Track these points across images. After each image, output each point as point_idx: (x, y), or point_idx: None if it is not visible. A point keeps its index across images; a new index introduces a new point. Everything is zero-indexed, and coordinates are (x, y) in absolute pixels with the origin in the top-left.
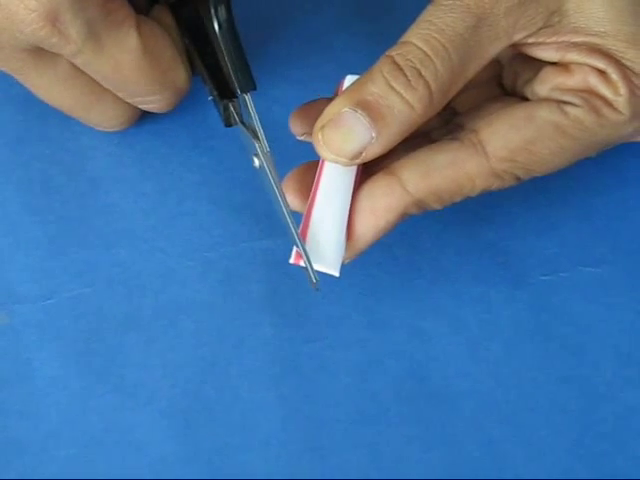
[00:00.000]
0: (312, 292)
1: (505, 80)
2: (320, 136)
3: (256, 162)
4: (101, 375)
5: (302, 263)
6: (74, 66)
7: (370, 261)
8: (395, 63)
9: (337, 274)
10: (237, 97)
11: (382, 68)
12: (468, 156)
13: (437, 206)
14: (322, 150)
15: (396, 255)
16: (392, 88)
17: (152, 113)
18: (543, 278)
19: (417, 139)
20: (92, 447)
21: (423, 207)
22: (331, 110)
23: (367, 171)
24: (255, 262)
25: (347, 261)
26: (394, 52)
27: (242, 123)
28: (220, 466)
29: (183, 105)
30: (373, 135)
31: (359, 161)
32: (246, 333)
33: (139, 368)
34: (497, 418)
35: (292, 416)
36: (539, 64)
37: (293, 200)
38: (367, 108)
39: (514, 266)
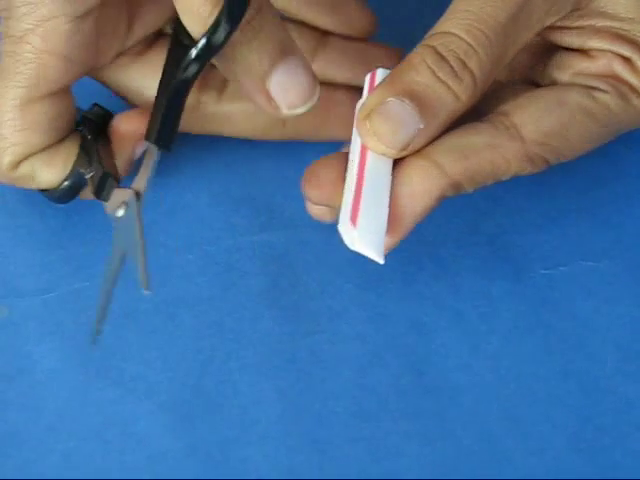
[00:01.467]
0: (312, 286)
1: (517, 65)
2: (368, 125)
3: (120, 212)
4: (100, 369)
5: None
6: None
7: None
8: (439, 53)
9: (382, 261)
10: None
11: (425, 58)
12: (504, 139)
13: (471, 189)
14: (371, 141)
15: (396, 248)
16: (439, 79)
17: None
18: (543, 272)
19: None
20: (91, 440)
21: (459, 190)
22: (375, 99)
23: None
24: (255, 256)
25: (390, 249)
26: (436, 42)
27: None
28: (219, 459)
29: None
30: (421, 126)
31: (406, 153)
32: (245, 327)
33: (138, 362)
34: (497, 412)
35: (291, 410)
36: (555, 50)
37: (318, 194)
38: (415, 98)
39: (514, 260)
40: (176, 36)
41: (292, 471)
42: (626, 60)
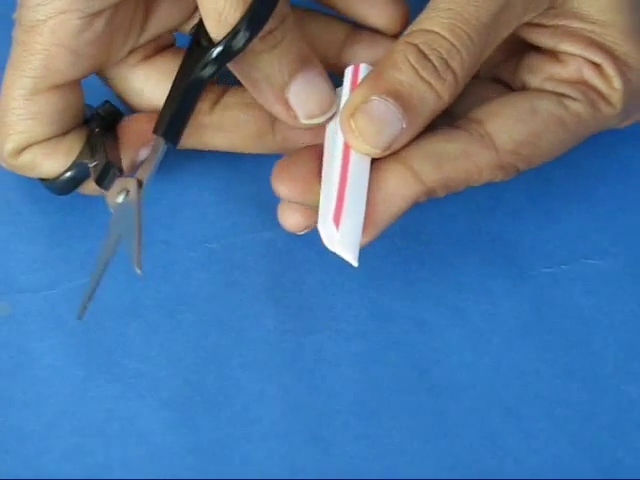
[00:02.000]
0: (314, 284)
1: (487, 63)
2: (353, 125)
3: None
4: (102, 365)
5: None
6: None
7: (372, 252)
8: (421, 52)
9: (357, 264)
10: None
11: (408, 56)
12: (478, 148)
13: (443, 194)
14: (355, 141)
15: (398, 247)
16: (422, 78)
17: None
18: (545, 270)
19: None
20: (93, 437)
21: (432, 195)
22: (359, 98)
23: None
24: (257, 253)
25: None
26: (418, 40)
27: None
28: (221, 457)
29: None
30: (404, 125)
31: (388, 152)
32: (248, 324)
33: (140, 358)
34: (499, 410)
35: (293, 407)
36: (525, 51)
37: (289, 190)
38: (399, 97)
39: (516, 258)
40: (196, 38)
41: (294, 469)
42: (596, 66)
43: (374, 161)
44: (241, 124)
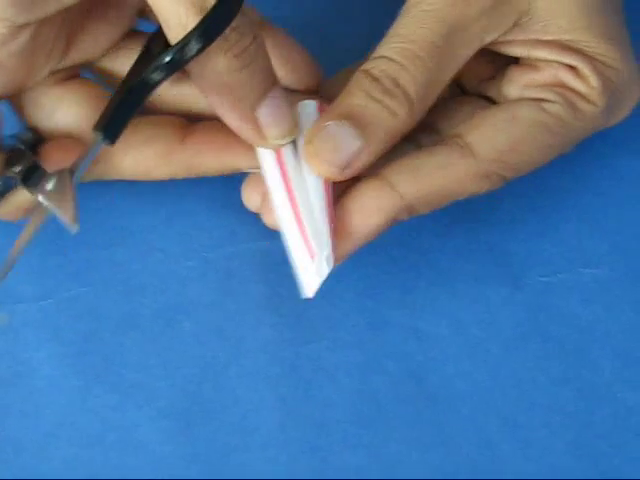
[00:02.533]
0: None
1: (465, 79)
2: (311, 149)
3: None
4: (100, 375)
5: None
6: None
7: (368, 262)
8: (371, 75)
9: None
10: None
11: (359, 82)
12: (457, 159)
13: (426, 211)
14: (314, 162)
15: (394, 256)
16: (372, 97)
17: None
18: (542, 279)
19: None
20: (91, 447)
21: (412, 212)
22: (315, 126)
23: (355, 177)
24: (254, 263)
25: (338, 263)
26: (369, 66)
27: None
28: (219, 466)
29: None
30: (360, 144)
31: (350, 172)
32: (245, 334)
33: (138, 368)
34: (496, 419)
35: (291, 417)
36: (500, 63)
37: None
38: (351, 118)
39: (513, 267)
40: (148, 46)
41: (292, 478)
42: (572, 69)
43: (353, 180)
44: (149, 140)
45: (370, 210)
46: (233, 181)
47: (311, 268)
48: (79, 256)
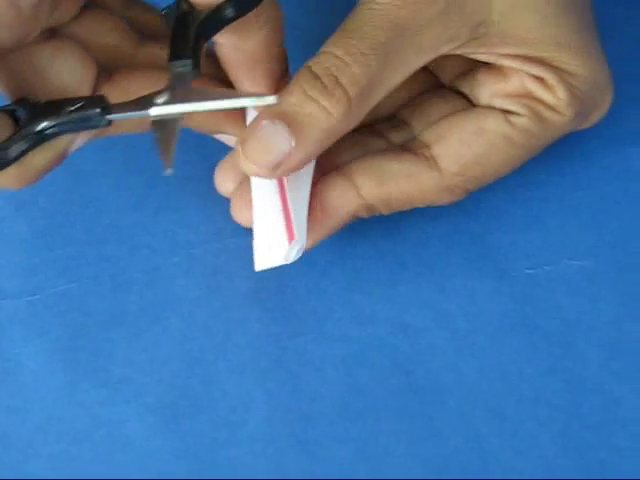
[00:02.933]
0: (298, 287)
1: (441, 73)
2: (241, 150)
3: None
4: (87, 371)
5: (270, 264)
6: None
7: (354, 255)
8: (312, 72)
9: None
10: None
11: (299, 79)
12: (422, 170)
13: (385, 212)
14: (242, 163)
15: (381, 249)
16: (309, 97)
17: None
18: (528, 271)
19: (363, 133)
20: (79, 442)
21: (372, 211)
22: (251, 125)
23: (320, 170)
24: (240, 258)
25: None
26: (312, 62)
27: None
28: (206, 461)
29: None
30: (292, 144)
31: (280, 172)
32: (232, 328)
33: (125, 364)
34: (483, 411)
35: (278, 411)
36: (473, 61)
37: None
38: (285, 118)
39: (499, 260)
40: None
41: (280, 471)
42: (538, 78)
43: (318, 176)
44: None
45: (332, 209)
46: None
47: (281, 250)
48: (66, 252)
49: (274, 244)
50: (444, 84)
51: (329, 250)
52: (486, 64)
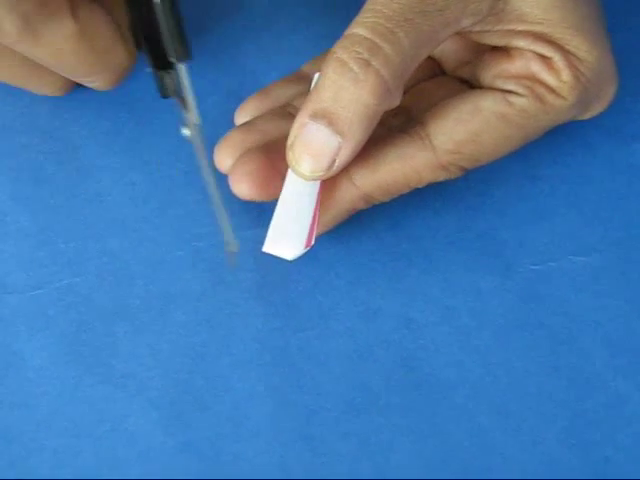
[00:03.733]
0: (302, 282)
1: (445, 61)
2: (291, 156)
3: (186, 132)
4: (91, 365)
5: (276, 251)
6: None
7: (360, 250)
8: (339, 60)
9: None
10: (173, 68)
11: (329, 69)
12: (415, 150)
13: (384, 199)
14: (297, 170)
15: (386, 244)
16: (341, 87)
17: (142, 102)
18: (533, 267)
19: None
20: (82, 437)
21: (370, 201)
22: (295, 125)
23: None
24: (245, 251)
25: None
26: (338, 47)
27: (178, 95)
28: (210, 456)
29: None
30: (340, 140)
31: (335, 169)
32: (236, 323)
33: (129, 358)
34: (487, 407)
35: (282, 406)
36: (479, 47)
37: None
38: (324, 116)
39: (504, 256)
40: None
41: (284, 467)
42: (545, 60)
43: None
44: None
45: (328, 201)
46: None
47: (295, 248)
48: (70, 246)
49: (291, 238)
50: (446, 73)
51: (334, 245)
52: (492, 49)
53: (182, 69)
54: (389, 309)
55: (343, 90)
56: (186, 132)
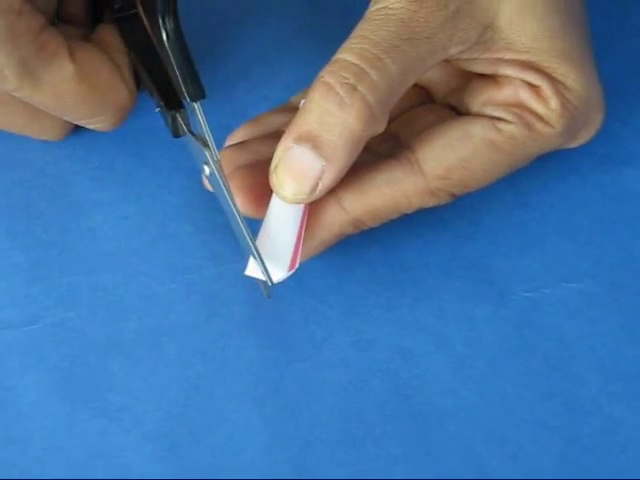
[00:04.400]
0: (295, 313)
1: (433, 88)
2: (275, 179)
3: (206, 170)
4: (85, 399)
5: (258, 275)
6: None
7: (353, 280)
8: (326, 84)
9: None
10: (184, 107)
11: (315, 94)
12: (405, 175)
13: (373, 224)
14: (280, 192)
15: (379, 273)
16: (327, 111)
17: (133, 136)
18: (526, 295)
19: None
20: (77, 472)
21: (359, 226)
22: (279, 148)
23: None
24: (238, 283)
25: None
26: (325, 72)
27: (191, 132)
28: None
29: (164, 128)
30: (323, 163)
31: (318, 193)
32: (230, 355)
33: (123, 392)
34: (482, 435)
35: (277, 437)
36: (467, 75)
37: (244, 203)
38: (309, 139)
39: (497, 283)
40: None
41: None
42: (533, 88)
43: None
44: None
45: (317, 227)
46: (215, 202)
47: (279, 272)
48: (63, 281)
49: (274, 261)
50: (435, 100)
51: (327, 275)
52: (480, 76)
53: (198, 108)
54: (383, 338)
55: (328, 114)
56: (207, 171)
